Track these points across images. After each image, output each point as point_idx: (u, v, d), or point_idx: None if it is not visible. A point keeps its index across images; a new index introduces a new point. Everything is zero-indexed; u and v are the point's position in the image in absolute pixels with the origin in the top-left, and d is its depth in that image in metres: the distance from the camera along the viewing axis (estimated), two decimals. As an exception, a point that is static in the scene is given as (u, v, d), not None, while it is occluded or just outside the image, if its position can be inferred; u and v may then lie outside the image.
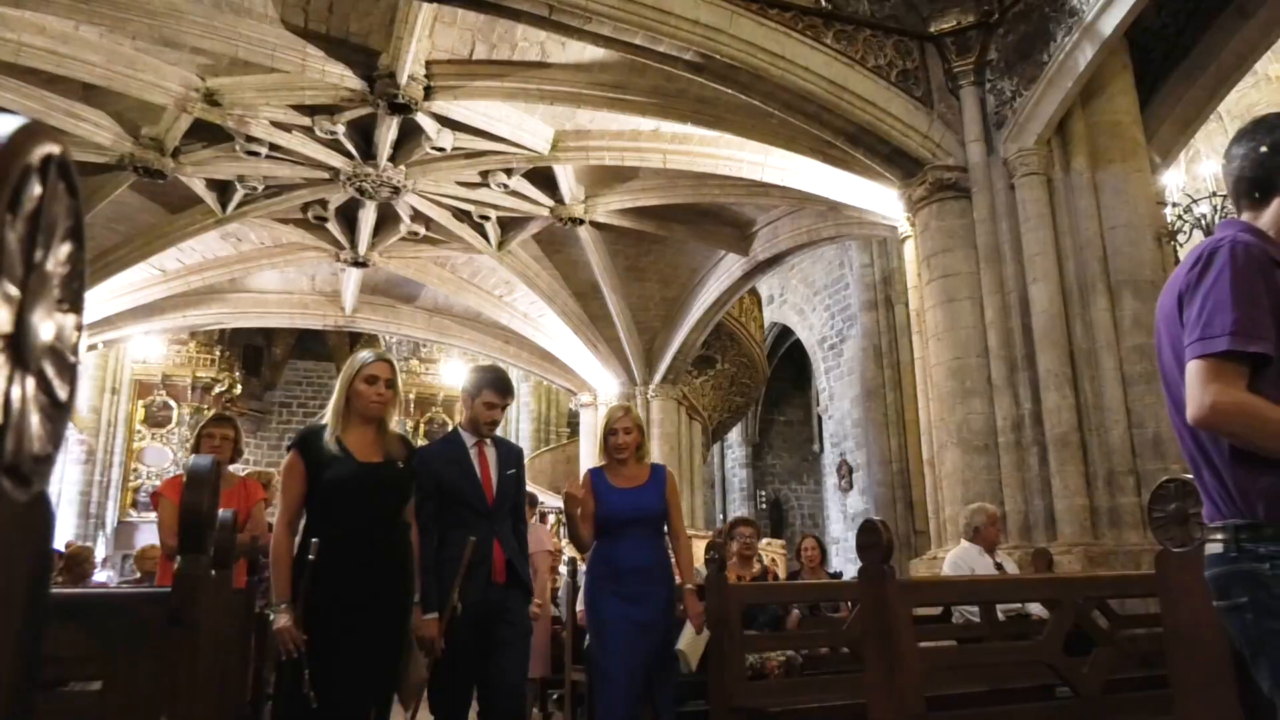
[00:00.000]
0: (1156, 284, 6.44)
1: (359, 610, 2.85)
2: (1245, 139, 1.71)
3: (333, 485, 2.94)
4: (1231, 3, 6.63)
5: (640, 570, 3.63)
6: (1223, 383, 1.52)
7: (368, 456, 3.01)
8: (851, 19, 6.99)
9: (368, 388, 3.04)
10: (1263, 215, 1.69)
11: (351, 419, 3.04)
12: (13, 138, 0.30)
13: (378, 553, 2.94)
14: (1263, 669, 1.59)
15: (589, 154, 9.42)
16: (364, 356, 3.11)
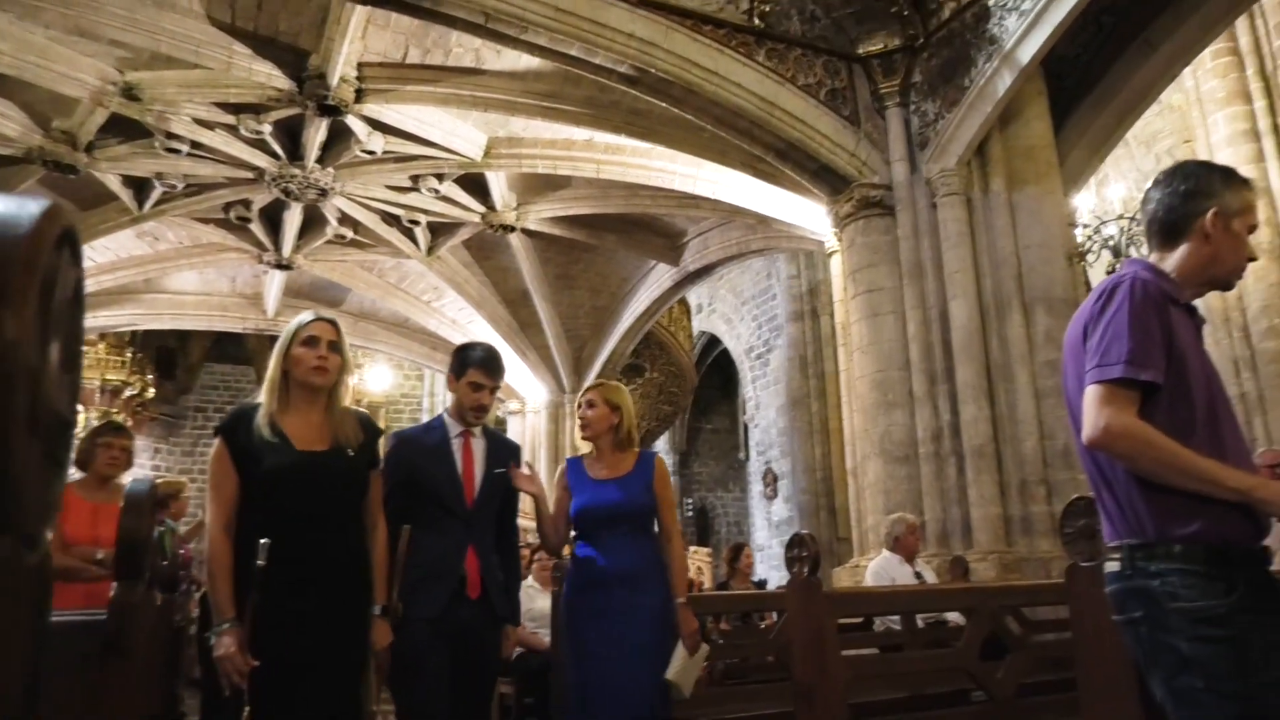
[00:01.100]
0: (1067, 301, 6.73)
1: (303, 634, 2.32)
2: (1162, 184, 1.84)
3: (266, 480, 2.39)
4: (1138, 37, 6.98)
5: (626, 577, 3.01)
6: (1116, 407, 1.63)
7: (309, 444, 2.44)
8: (783, 38, 7.14)
9: (306, 351, 2.48)
10: (1169, 257, 1.81)
11: (292, 397, 2.49)
12: (39, 226, 0.32)
13: (324, 563, 2.39)
14: (1156, 678, 1.71)
15: (522, 161, 9.40)
16: (301, 317, 2.58)
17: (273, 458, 2.39)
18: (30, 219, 0.31)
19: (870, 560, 6.22)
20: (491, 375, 2.99)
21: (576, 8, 6.41)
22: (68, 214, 0.35)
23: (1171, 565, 1.65)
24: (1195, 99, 10.08)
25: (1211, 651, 1.61)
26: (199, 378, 20.93)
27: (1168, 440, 1.63)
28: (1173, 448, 1.63)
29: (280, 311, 13.72)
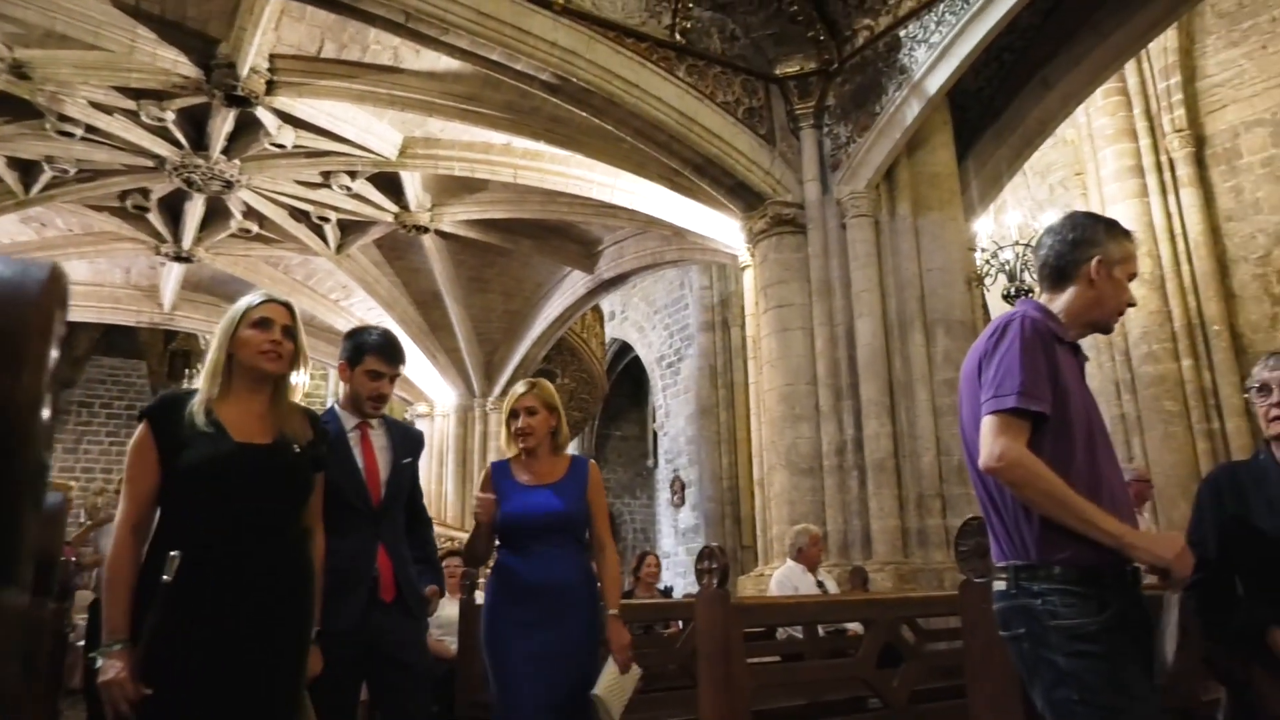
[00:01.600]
0: (965, 323, 7.04)
1: (229, 659, 1.97)
2: (1055, 231, 1.98)
3: (194, 473, 2.05)
4: (1036, 75, 7.36)
5: (555, 589, 2.81)
6: (1010, 437, 1.76)
7: (249, 435, 2.13)
8: (704, 55, 7.27)
9: (257, 334, 2.17)
10: (1058, 299, 1.95)
11: (235, 384, 2.18)
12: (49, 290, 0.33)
13: (260, 575, 2.04)
14: (1037, 690, 1.84)
15: (438, 163, 9.29)
16: (251, 297, 2.28)
17: (204, 447, 2.05)
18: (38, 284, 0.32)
19: (775, 569, 6.36)
20: (391, 361, 2.77)
21: (500, 13, 6.39)
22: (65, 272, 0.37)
23: (1051, 586, 1.78)
24: (1087, 134, 10.67)
25: (1085, 666, 1.73)
26: (85, 371, 19.92)
27: (1055, 476, 1.76)
28: (1059, 484, 1.76)
29: (177, 305, 13.20)
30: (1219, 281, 9.80)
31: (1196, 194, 10.01)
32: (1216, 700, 2.49)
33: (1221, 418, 9.58)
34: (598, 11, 6.78)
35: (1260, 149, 9.74)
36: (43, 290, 0.33)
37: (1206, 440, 9.60)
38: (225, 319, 2.23)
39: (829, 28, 7.30)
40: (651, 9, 7.02)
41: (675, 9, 7.06)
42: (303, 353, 2.25)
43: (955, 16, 6.48)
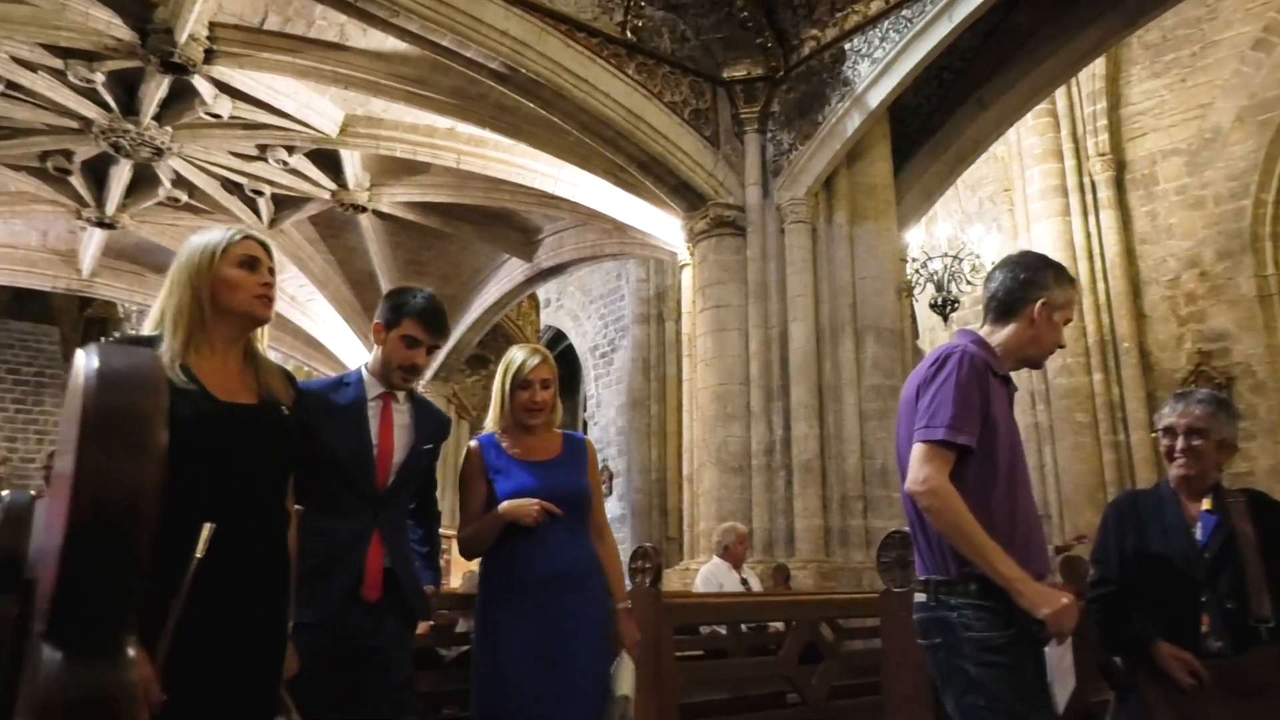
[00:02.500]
0: (895, 331, 7.28)
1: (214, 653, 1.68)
2: (1007, 268, 2.12)
3: (173, 438, 1.29)
4: (973, 94, 7.62)
5: (568, 577, 2.49)
6: (935, 466, 1.89)
7: (232, 394, 1.80)
8: (654, 54, 7.33)
9: (248, 275, 1.85)
10: (999, 332, 2.09)
11: (208, 335, 1.82)
12: (158, 378, 0.39)
13: (248, 559, 1.75)
14: (949, 695, 1.98)
15: (380, 143, 9.18)
16: (226, 233, 1.91)
17: (186, 407, 1.69)
18: (153, 373, 0.36)
19: (700, 564, 6.51)
20: (432, 330, 2.42)
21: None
22: (166, 363, 0.42)
23: (967, 600, 1.92)
24: (1016, 152, 11.05)
25: (993, 675, 1.88)
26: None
27: (966, 511, 1.89)
28: (969, 519, 1.89)
29: (97, 272, 12.74)
30: (1131, 301, 10.28)
31: (1115, 216, 10.47)
32: (1106, 702, 2.69)
33: (1127, 430, 10.07)
34: (550, 4, 6.78)
35: (1175, 177, 10.24)
36: (157, 380, 0.38)
37: (1113, 451, 10.07)
38: (190, 254, 1.85)
39: (777, 36, 7.43)
40: (604, 5, 7.05)
41: (628, 6, 7.10)
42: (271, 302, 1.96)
43: (899, 34, 6.67)
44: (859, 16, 6.94)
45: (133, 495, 0.40)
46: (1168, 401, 2.51)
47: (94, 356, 0.47)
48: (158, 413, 0.40)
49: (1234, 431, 2.37)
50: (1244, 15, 9.77)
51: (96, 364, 0.45)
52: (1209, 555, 2.26)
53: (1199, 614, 2.22)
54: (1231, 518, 2.24)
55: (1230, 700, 2.14)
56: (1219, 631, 2.19)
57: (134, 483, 0.40)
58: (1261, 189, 9.64)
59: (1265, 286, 9.55)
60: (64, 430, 0.55)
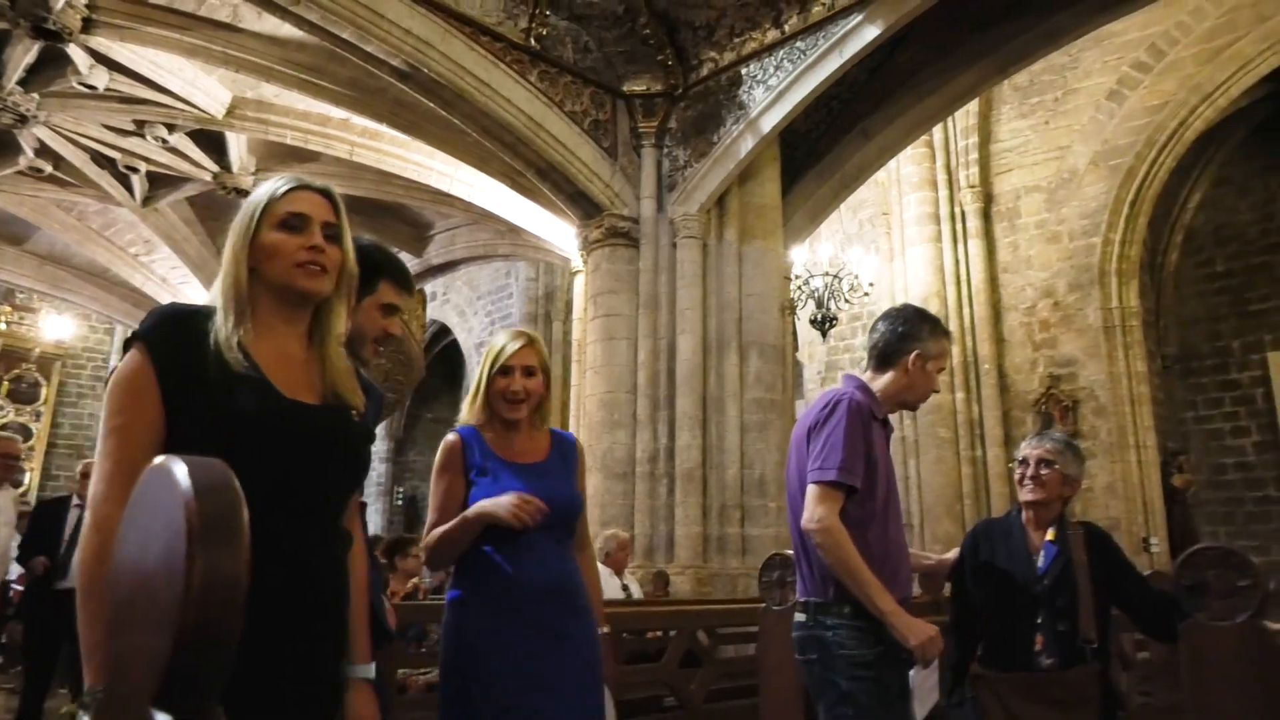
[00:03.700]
0: (777, 347, 7.59)
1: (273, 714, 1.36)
2: (888, 320, 2.34)
3: (230, 435, 1.35)
4: (858, 125, 8.02)
5: (557, 594, 2.20)
6: (828, 506, 2.09)
7: (294, 389, 1.46)
8: (556, 63, 7.40)
9: (289, 238, 1.49)
10: (879, 379, 2.31)
11: (260, 312, 1.48)
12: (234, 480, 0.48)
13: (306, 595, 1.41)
14: (822, 707, 2.19)
15: (269, 128, 8.90)
16: (273, 185, 1.56)
17: (244, 399, 1.39)
18: (229, 476, 0.45)
19: (582, 569, 6.62)
20: (409, 292, 2.12)
21: (355, -8, 6.25)
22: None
23: (841, 621, 2.13)
24: (895, 179, 11.63)
25: (862, 689, 2.09)
26: None
27: (853, 549, 2.11)
28: (855, 557, 2.12)
29: (-57, 242, 11.85)
30: (993, 326, 10.98)
31: (982, 245, 11.16)
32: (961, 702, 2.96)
33: (984, 446, 10.76)
34: (456, 6, 6.76)
35: (1036, 212, 11.00)
36: (235, 482, 0.48)
37: (970, 465, 10.75)
38: (239, 216, 1.53)
39: (678, 54, 7.63)
40: (509, 10, 7.08)
41: (533, 14, 7.15)
42: (349, 265, 1.55)
43: (793, 65, 6.97)
44: (756, 44, 7.21)
45: (233, 586, 0.49)
46: (1026, 439, 2.80)
47: (180, 469, 0.56)
48: (242, 510, 0.50)
49: (1079, 471, 2.67)
50: (1101, 67, 10.60)
51: (189, 480, 0.53)
52: (1047, 581, 2.54)
53: (1034, 633, 2.50)
54: (1070, 548, 2.52)
55: (1053, 709, 2.43)
56: (1050, 649, 2.47)
57: (233, 575, 0.49)
58: (1110, 229, 10.48)
59: (1109, 318, 10.38)
60: (148, 523, 0.62)
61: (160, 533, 0.55)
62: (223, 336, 1.42)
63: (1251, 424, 11.66)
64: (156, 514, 0.55)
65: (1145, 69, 10.26)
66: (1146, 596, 2.49)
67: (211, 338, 1.41)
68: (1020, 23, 6.99)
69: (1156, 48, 10.15)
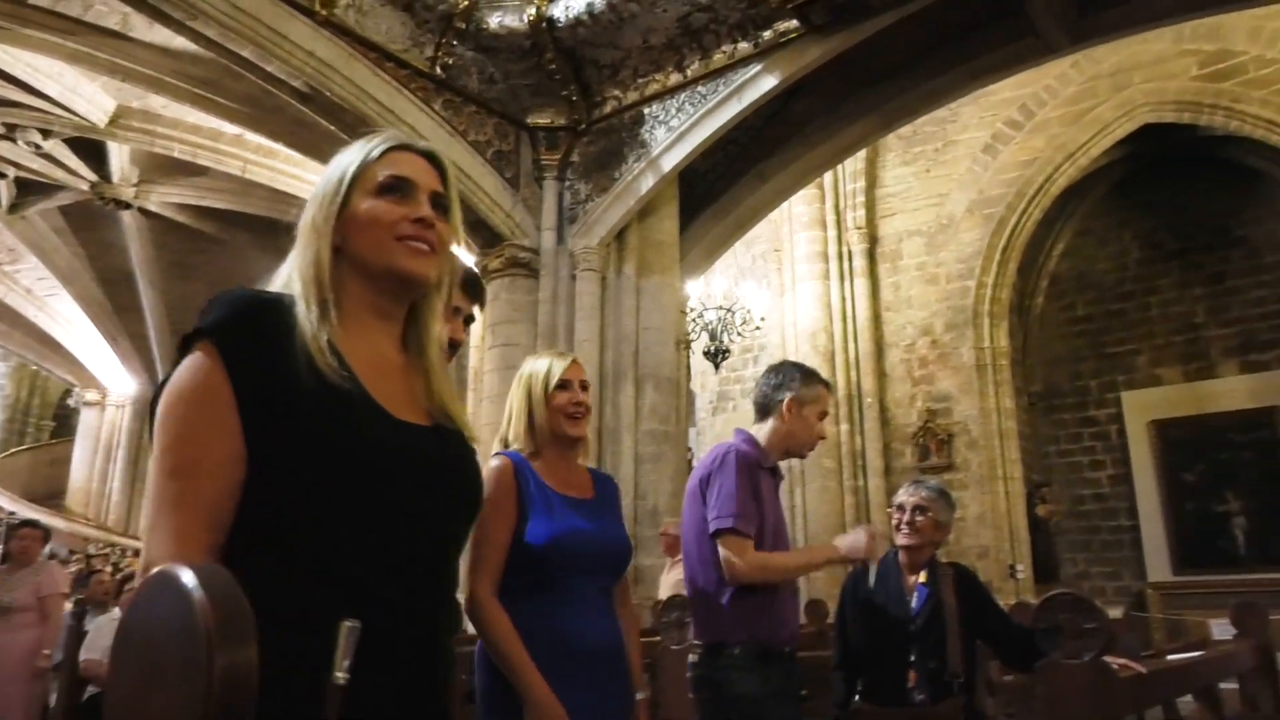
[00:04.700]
0: (672, 380, 7.76)
1: None
2: (769, 375, 2.51)
3: (336, 466, 1.04)
4: (754, 168, 8.32)
5: (606, 657, 1.97)
6: (736, 550, 2.23)
7: (401, 407, 1.14)
8: (461, 92, 7.43)
9: (392, 207, 1.18)
10: (762, 430, 2.47)
11: (348, 304, 1.17)
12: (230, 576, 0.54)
13: (427, 661, 1.10)
14: None
15: (155, 140, 8.60)
16: (366, 145, 1.25)
17: (347, 419, 1.06)
18: (229, 578, 0.50)
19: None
20: (479, 298, 1.87)
21: (258, 11, 6.15)
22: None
23: (731, 662, 2.27)
24: (787, 217, 12.07)
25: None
26: None
27: (776, 556, 2.25)
28: (777, 565, 2.30)
29: None
30: (875, 361, 11.49)
31: (867, 284, 11.69)
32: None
33: (866, 476, 11.22)
34: (360, 30, 6.73)
35: (916, 255, 11.61)
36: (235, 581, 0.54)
37: (853, 495, 11.19)
38: (323, 181, 1.23)
39: (582, 90, 7.76)
40: (415, 38, 7.08)
41: (439, 43, 7.17)
42: (457, 239, 1.23)
43: (694, 108, 7.21)
44: (659, 85, 7.42)
45: (248, 680, 0.55)
46: (903, 485, 3.01)
47: (190, 577, 0.62)
48: (249, 607, 0.57)
49: (950, 517, 2.89)
50: (978, 122, 11.32)
51: (201, 590, 0.60)
52: (920, 621, 2.74)
53: (907, 670, 2.69)
54: (940, 590, 2.73)
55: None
56: (922, 686, 2.67)
57: (247, 670, 0.56)
58: (984, 272, 11.16)
59: (981, 357, 11.03)
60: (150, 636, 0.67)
61: (179, 637, 0.60)
62: (308, 334, 1.08)
63: (1107, 458, 12.55)
64: (180, 624, 0.61)
65: (1017, 127, 11.02)
66: (1008, 632, 2.71)
67: (298, 336, 1.07)
68: (903, 83, 7.43)
69: (1027, 108, 10.93)
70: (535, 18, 7.11)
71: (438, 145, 4.59)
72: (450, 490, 1.14)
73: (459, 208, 1.26)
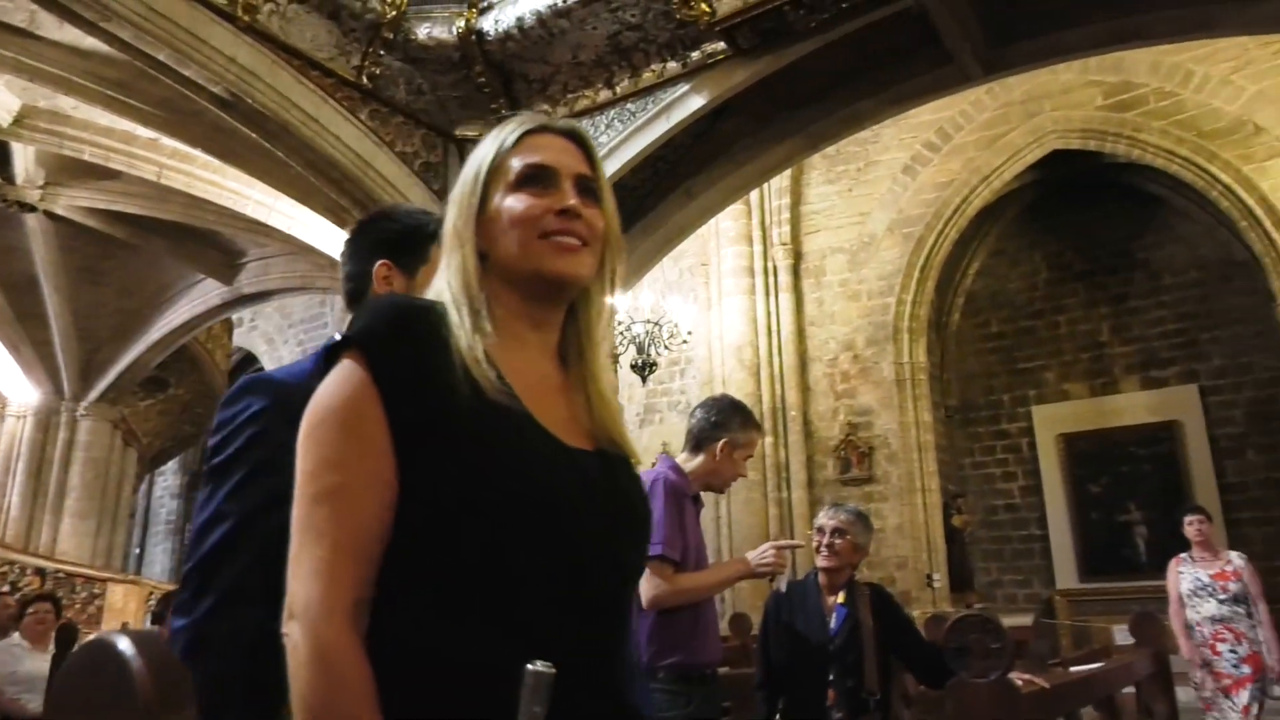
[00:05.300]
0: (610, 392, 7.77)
1: None
2: (705, 408, 2.57)
3: (501, 503, 0.91)
4: (682, 185, 8.42)
5: None
6: (661, 577, 2.28)
7: (567, 431, 1.01)
8: (388, 102, 7.34)
9: (534, 200, 1.05)
10: (691, 462, 2.53)
11: (500, 310, 1.03)
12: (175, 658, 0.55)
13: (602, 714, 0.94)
14: None
15: (64, 142, 8.27)
16: (493, 140, 1.10)
17: (514, 444, 0.95)
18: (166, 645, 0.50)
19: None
20: None
21: (175, 14, 5.97)
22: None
23: (658, 685, 2.30)
24: (714, 232, 12.22)
25: None
26: None
27: (689, 583, 2.31)
28: (690, 583, 2.36)
29: None
30: (799, 375, 11.72)
31: (791, 299, 11.92)
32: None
33: (790, 488, 11.42)
34: (284, 37, 6.60)
35: (839, 271, 11.89)
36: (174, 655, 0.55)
37: (777, 506, 11.37)
38: (462, 179, 1.09)
39: (511, 104, 7.74)
40: (342, 47, 6.97)
41: (366, 52, 7.07)
42: (614, 239, 1.10)
43: (623, 125, 7.27)
44: (588, 101, 7.46)
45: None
46: (823, 509, 3.10)
47: (127, 645, 0.62)
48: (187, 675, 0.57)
49: (868, 539, 2.98)
50: (899, 144, 11.66)
51: (140, 659, 0.60)
52: (839, 641, 2.82)
53: (826, 689, 2.77)
54: (858, 610, 2.81)
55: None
56: (841, 704, 2.74)
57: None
58: (903, 290, 11.48)
59: (901, 372, 11.34)
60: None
61: (108, 711, 0.60)
62: (463, 344, 0.95)
63: (1018, 470, 13.02)
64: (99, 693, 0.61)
65: (935, 149, 11.39)
66: (921, 651, 2.82)
67: (453, 348, 0.95)
68: (827, 105, 7.62)
69: (944, 131, 11.31)
70: (464, 30, 7.08)
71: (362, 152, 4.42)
72: (624, 524, 1.01)
73: (610, 192, 1.12)
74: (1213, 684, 5.00)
